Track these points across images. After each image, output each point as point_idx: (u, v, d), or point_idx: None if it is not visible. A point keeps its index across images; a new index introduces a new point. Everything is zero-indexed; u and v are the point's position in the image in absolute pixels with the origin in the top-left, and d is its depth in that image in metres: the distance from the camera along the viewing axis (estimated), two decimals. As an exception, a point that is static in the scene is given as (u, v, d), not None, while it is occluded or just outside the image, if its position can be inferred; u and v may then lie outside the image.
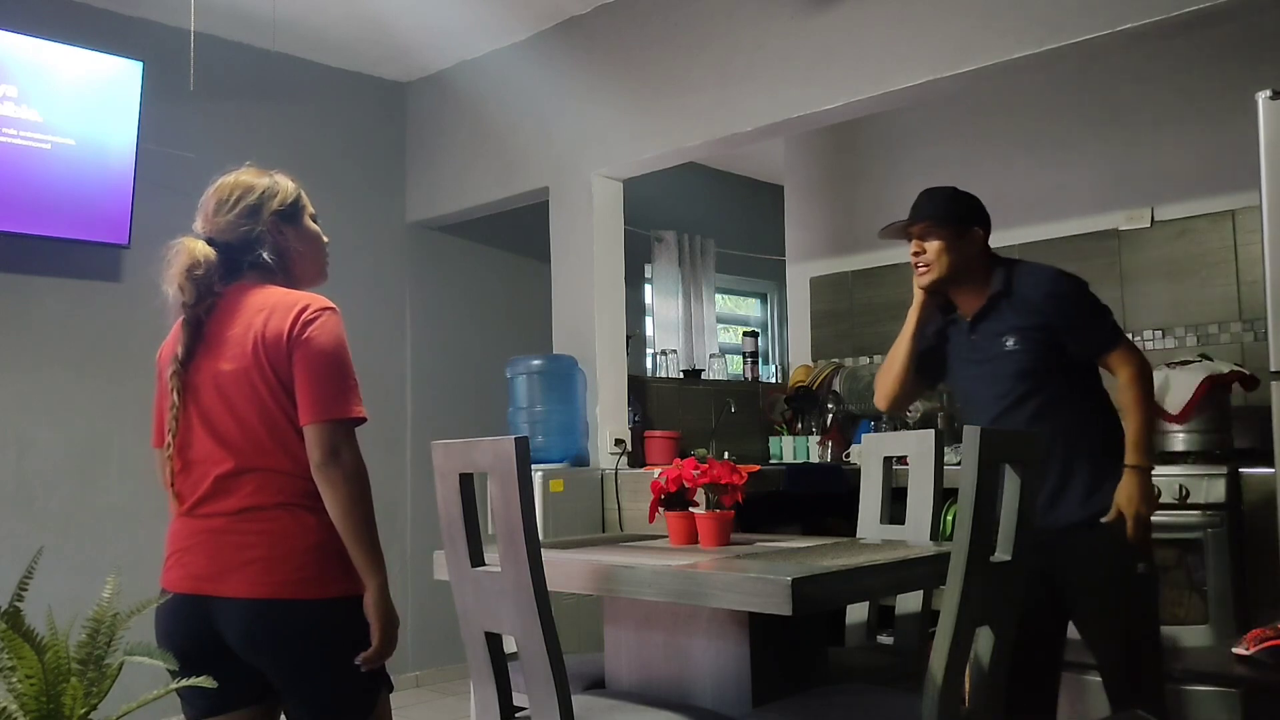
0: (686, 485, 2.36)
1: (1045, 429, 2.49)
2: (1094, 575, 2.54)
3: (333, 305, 2.01)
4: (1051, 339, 2.55)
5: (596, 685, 2.44)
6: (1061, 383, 2.58)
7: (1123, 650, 2.53)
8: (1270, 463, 2.82)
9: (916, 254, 2.67)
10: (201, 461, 1.97)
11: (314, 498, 1.94)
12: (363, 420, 1.95)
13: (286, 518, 1.93)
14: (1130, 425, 2.52)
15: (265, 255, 2.05)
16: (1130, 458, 2.49)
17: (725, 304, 6.96)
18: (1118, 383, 2.55)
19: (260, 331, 1.94)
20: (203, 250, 2.01)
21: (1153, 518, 2.49)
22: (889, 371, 2.81)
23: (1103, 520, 2.49)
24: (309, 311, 1.95)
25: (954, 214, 2.64)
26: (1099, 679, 2.61)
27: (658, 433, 4.29)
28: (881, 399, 2.85)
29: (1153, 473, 2.52)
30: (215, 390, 1.96)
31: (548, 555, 2.03)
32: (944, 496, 2.63)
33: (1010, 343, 2.58)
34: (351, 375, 1.97)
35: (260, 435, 1.94)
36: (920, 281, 2.69)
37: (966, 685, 2.05)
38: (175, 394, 1.97)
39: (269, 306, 1.96)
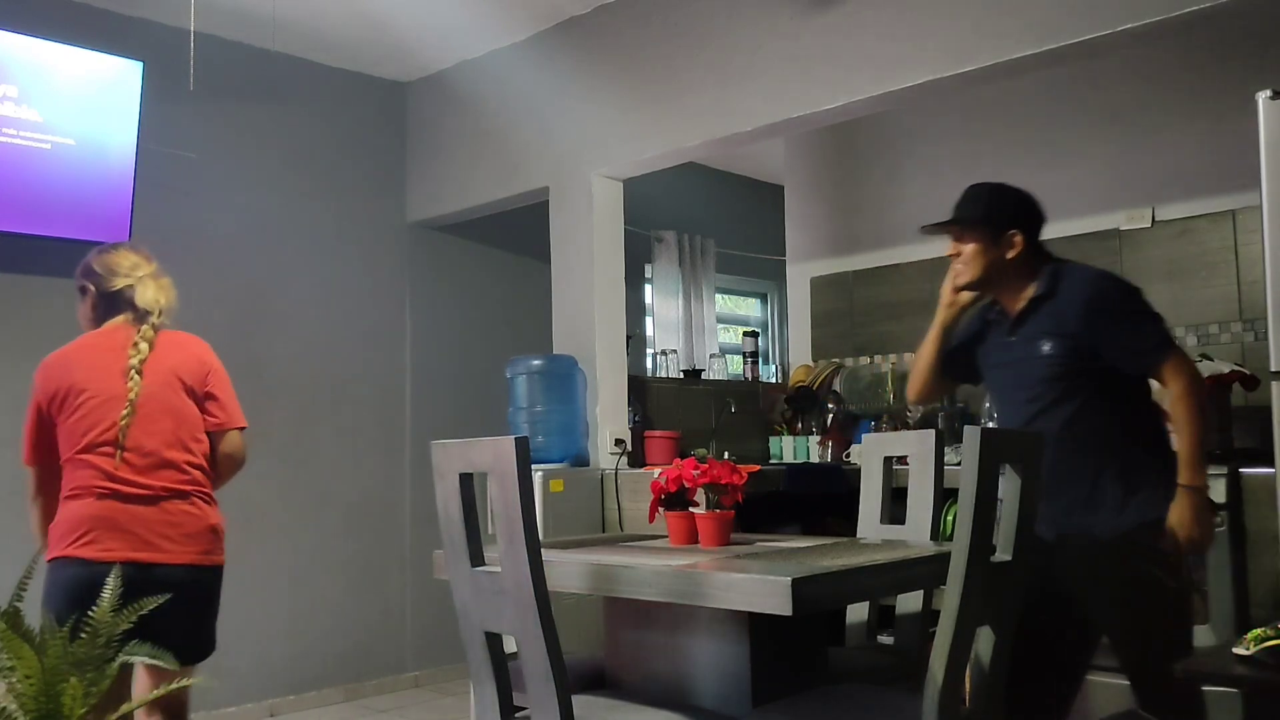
0: (686, 485, 2.35)
1: (1077, 436, 2.44)
2: (1123, 588, 2.44)
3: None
4: (1087, 347, 2.46)
5: (596, 685, 2.44)
6: (1096, 390, 2.47)
7: (1152, 662, 2.41)
8: (1270, 463, 2.81)
9: (953, 255, 2.63)
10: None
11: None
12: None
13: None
14: (1182, 442, 2.38)
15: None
16: (1183, 476, 2.37)
17: (725, 304, 6.96)
18: (1169, 396, 2.41)
19: (180, 358, 2.67)
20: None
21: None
22: (915, 368, 2.79)
23: (1157, 544, 2.38)
24: (208, 350, 2.77)
25: (989, 217, 2.57)
26: (1099, 679, 2.60)
27: (658, 433, 4.29)
28: (910, 393, 2.85)
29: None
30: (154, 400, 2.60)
31: (548, 555, 2.03)
32: (944, 496, 2.62)
33: (1045, 347, 2.50)
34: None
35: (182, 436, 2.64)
36: (956, 283, 2.65)
37: (966, 685, 2.05)
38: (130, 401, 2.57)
39: (175, 342, 2.70)
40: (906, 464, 2.77)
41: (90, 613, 2.09)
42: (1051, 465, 2.42)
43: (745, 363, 5.22)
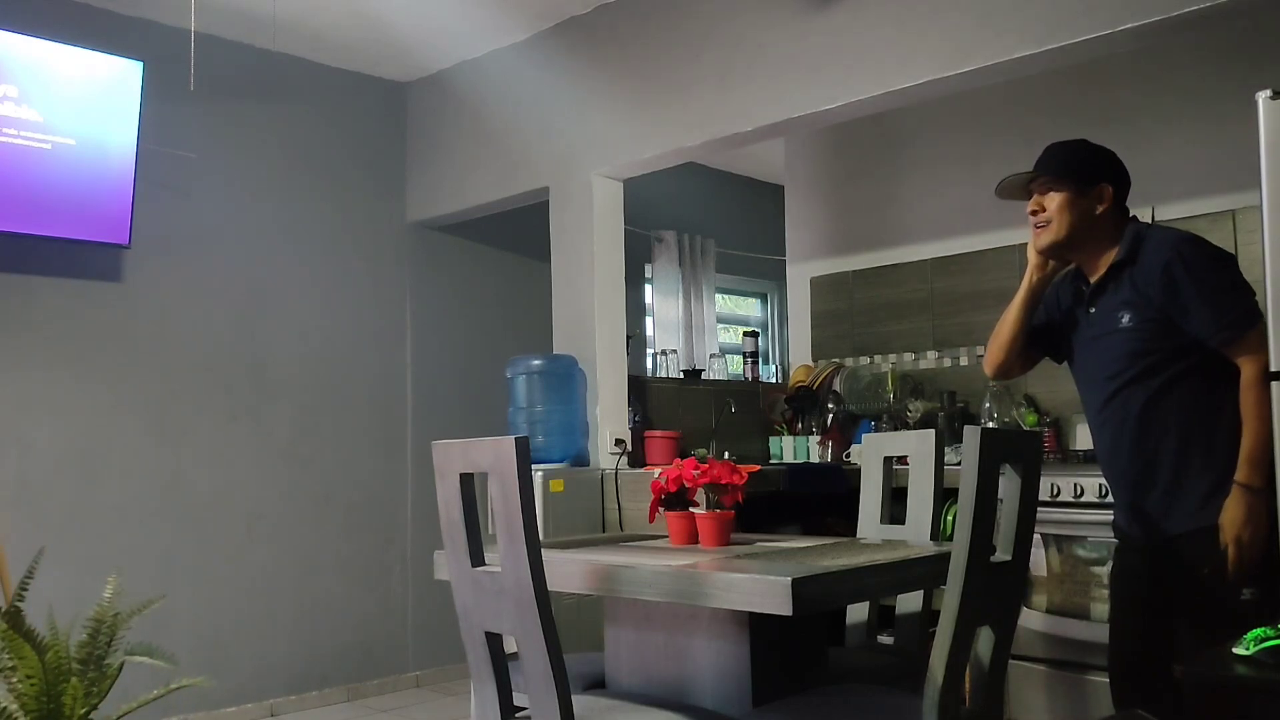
0: (686, 485, 2.36)
1: (1157, 419, 2.31)
2: (1196, 586, 2.28)
3: None
4: (1169, 319, 2.28)
5: (596, 685, 2.44)
6: (1182, 368, 2.30)
7: (1165, 663, 2.31)
8: (1271, 463, 2.80)
9: (1034, 212, 2.44)
10: None
11: None
12: None
13: None
14: (1245, 435, 2.21)
15: None
16: (1239, 473, 2.21)
17: (725, 304, 6.96)
18: (1241, 381, 2.24)
19: None
20: None
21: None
22: (994, 339, 2.62)
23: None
24: None
25: (1077, 168, 2.41)
26: (1099, 679, 2.58)
27: (658, 433, 4.29)
28: (988, 366, 2.67)
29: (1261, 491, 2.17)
30: None
31: (548, 555, 2.03)
32: (944, 496, 2.62)
33: (1125, 319, 2.33)
34: None
35: None
36: (1037, 243, 2.46)
37: (966, 685, 2.05)
38: None
39: None
40: (906, 464, 2.77)
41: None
42: (1129, 449, 2.36)
43: (745, 363, 5.22)
